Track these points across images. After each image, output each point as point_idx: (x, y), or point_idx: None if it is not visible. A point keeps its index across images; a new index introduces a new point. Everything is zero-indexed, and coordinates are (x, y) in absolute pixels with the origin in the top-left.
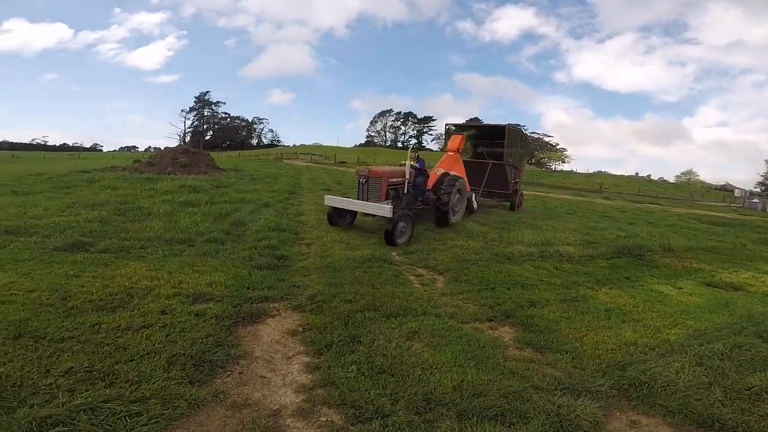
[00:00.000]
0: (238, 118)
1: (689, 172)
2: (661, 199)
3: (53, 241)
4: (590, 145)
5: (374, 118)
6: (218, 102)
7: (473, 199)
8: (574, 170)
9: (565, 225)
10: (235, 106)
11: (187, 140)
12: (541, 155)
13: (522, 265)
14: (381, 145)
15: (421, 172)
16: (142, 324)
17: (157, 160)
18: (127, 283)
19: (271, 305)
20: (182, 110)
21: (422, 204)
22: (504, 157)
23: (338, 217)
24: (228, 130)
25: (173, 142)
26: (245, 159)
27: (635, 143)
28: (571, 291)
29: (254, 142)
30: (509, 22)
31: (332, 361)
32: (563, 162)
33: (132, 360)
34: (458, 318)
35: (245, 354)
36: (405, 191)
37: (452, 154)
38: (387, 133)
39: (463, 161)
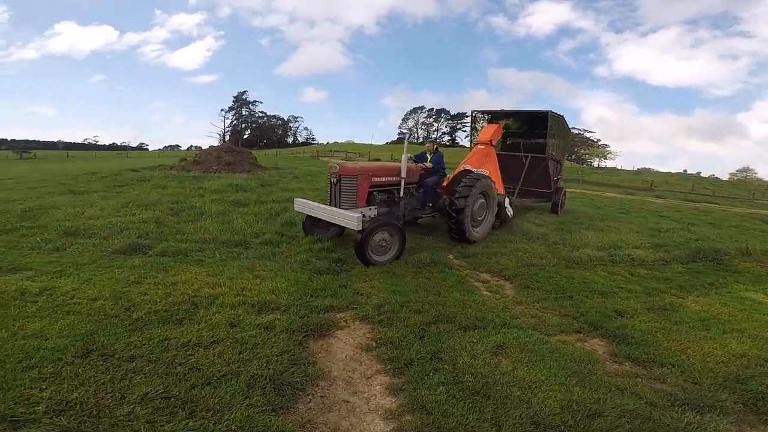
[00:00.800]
0: (274, 116)
1: (746, 169)
2: (718, 198)
3: (111, 243)
4: (635, 141)
5: (406, 114)
6: (255, 101)
7: (507, 205)
8: (618, 167)
9: (627, 226)
10: (270, 104)
11: (226, 139)
12: (583, 151)
13: (594, 270)
14: (413, 142)
15: (435, 170)
16: (211, 339)
17: (202, 158)
18: (189, 291)
19: (338, 315)
20: (221, 109)
21: (432, 211)
22: (546, 149)
23: (316, 225)
24: (265, 128)
25: (213, 141)
26: (283, 157)
27: (684, 139)
28: (656, 299)
29: (290, 140)
30: (544, 17)
31: (416, 382)
32: (605, 158)
33: (209, 383)
34: (542, 330)
35: (323, 374)
36: (401, 194)
37: (483, 147)
38: (419, 130)
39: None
